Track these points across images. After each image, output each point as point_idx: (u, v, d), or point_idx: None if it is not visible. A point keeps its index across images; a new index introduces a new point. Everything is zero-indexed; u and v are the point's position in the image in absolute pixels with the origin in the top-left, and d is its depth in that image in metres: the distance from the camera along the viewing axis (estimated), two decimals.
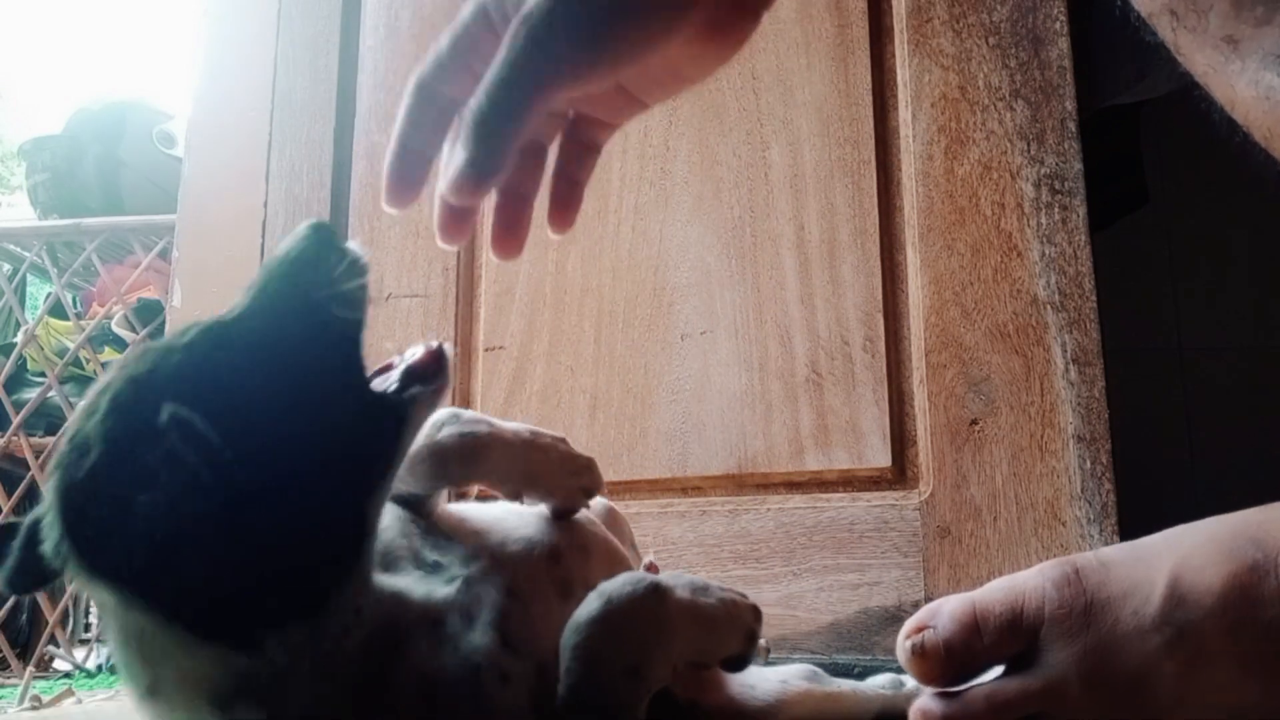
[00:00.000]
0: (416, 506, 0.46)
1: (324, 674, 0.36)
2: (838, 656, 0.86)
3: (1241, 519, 0.45)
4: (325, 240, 0.40)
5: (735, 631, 0.46)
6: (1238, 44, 0.44)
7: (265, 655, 0.34)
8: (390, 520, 0.44)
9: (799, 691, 0.55)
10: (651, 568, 0.59)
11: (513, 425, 0.50)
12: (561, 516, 0.49)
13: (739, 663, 0.47)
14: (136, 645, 0.35)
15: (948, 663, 0.47)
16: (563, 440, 0.51)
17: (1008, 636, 0.47)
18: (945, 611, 0.48)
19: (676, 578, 0.44)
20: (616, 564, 0.51)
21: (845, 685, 0.57)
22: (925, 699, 0.48)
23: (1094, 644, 0.45)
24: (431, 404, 0.41)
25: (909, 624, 0.48)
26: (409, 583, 0.40)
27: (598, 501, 0.62)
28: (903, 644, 0.48)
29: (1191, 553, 0.44)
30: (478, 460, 0.48)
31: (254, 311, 0.38)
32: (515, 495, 0.50)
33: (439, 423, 0.47)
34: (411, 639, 0.38)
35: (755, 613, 0.47)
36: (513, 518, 0.47)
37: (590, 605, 0.40)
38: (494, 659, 0.39)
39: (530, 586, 0.43)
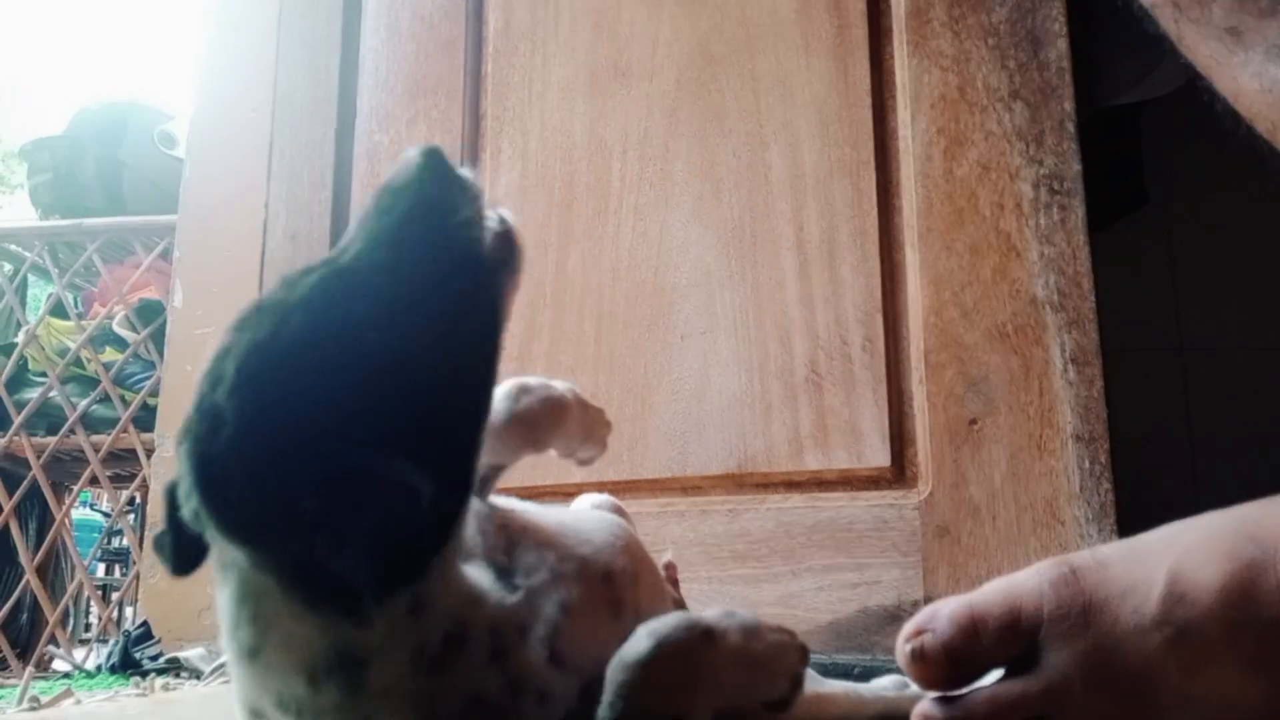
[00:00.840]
0: (483, 484, 0.47)
1: (405, 664, 0.36)
2: (837, 656, 0.87)
3: (1239, 515, 0.45)
4: (441, 169, 0.39)
5: (781, 675, 0.45)
6: (1241, 36, 0.43)
7: (368, 627, 0.35)
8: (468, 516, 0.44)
9: None
10: (670, 567, 0.59)
11: (560, 385, 0.52)
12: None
13: (781, 705, 0.45)
14: (252, 606, 0.35)
15: (948, 666, 0.47)
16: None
17: (1007, 639, 0.46)
18: (944, 615, 0.47)
19: (729, 618, 0.43)
20: (658, 589, 0.50)
21: (839, 686, 0.57)
22: (927, 703, 0.48)
23: (1094, 644, 0.45)
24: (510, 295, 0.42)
25: (908, 627, 0.48)
26: (485, 583, 0.40)
27: (605, 499, 0.62)
28: (902, 648, 0.48)
29: (1190, 550, 0.44)
30: (560, 423, 0.50)
31: (376, 255, 0.37)
32: (572, 453, 0.53)
33: (513, 393, 0.49)
34: (470, 645, 0.38)
35: (803, 654, 0.45)
36: (570, 534, 0.47)
37: (639, 645, 0.40)
38: (538, 677, 0.39)
39: (584, 605, 0.43)
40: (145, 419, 1.40)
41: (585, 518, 0.50)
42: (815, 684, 0.56)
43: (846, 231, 0.95)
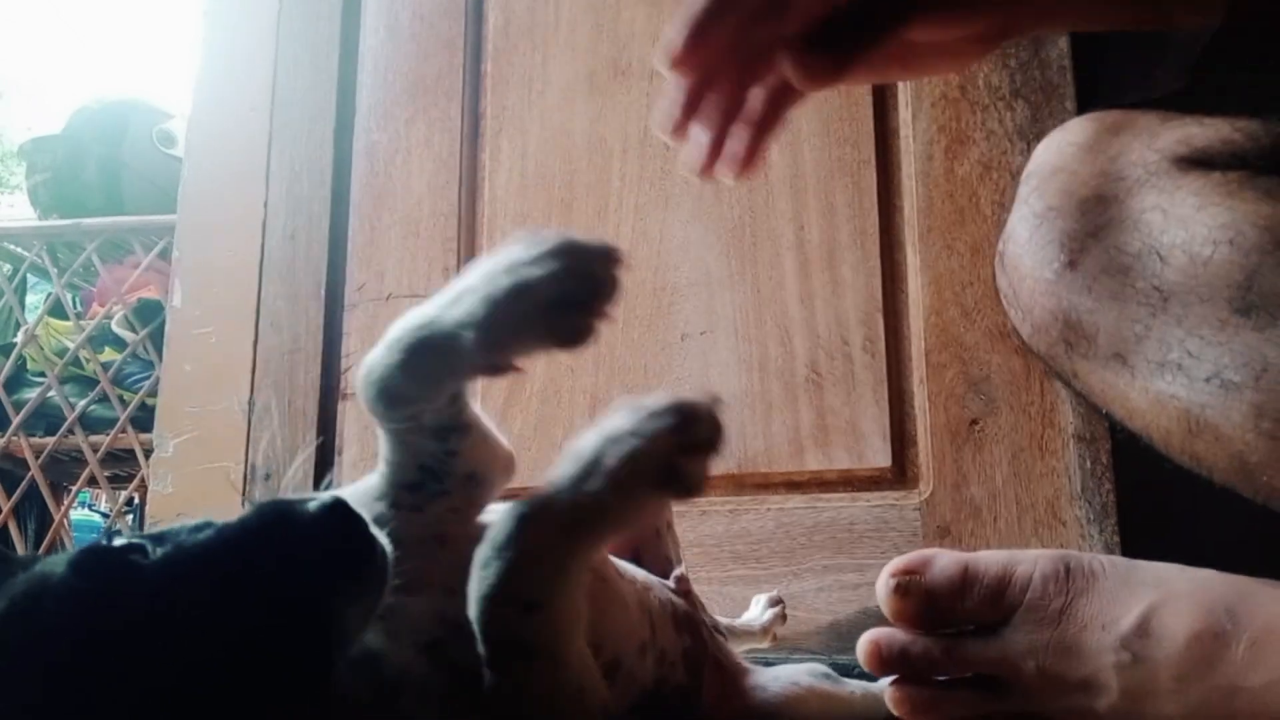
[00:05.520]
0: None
1: None
2: (837, 657, 0.86)
3: (1230, 584, 0.47)
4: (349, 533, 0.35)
5: (644, 485, 0.37)
6: (1125, 358, 0.48)
7: None
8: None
9: (807, 689, 0.55)
10: (682, 580, 0.59)
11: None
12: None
13: (682, 488, 0.38)
14: None
15: (924, 610, 0.51)
16: None
17: (985, 607, 0.50)
18: (938, 565, 0.51)
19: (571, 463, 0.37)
20: (620, 609, 0.48)
21: (857, 686, 0.57)
22: (893, 630, 0.52)
23: (1058, 640, 0.48)
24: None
25: (898, 563, 0.52)
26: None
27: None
28: (886, 580, 0.52)
29: (1175, 597, 0.47)
30: None
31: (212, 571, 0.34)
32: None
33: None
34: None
35: (691, 421, 0.37)
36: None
37: (488, 536, 0.38)
38: (419, 679, 0.39)
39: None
40: (144, 419, 1.39)
41: None
42: (834, 683, 0.57)
43: (847, 231, 0.95)
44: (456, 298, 0.38)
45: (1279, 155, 0.48)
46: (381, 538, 0.37)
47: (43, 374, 1.55)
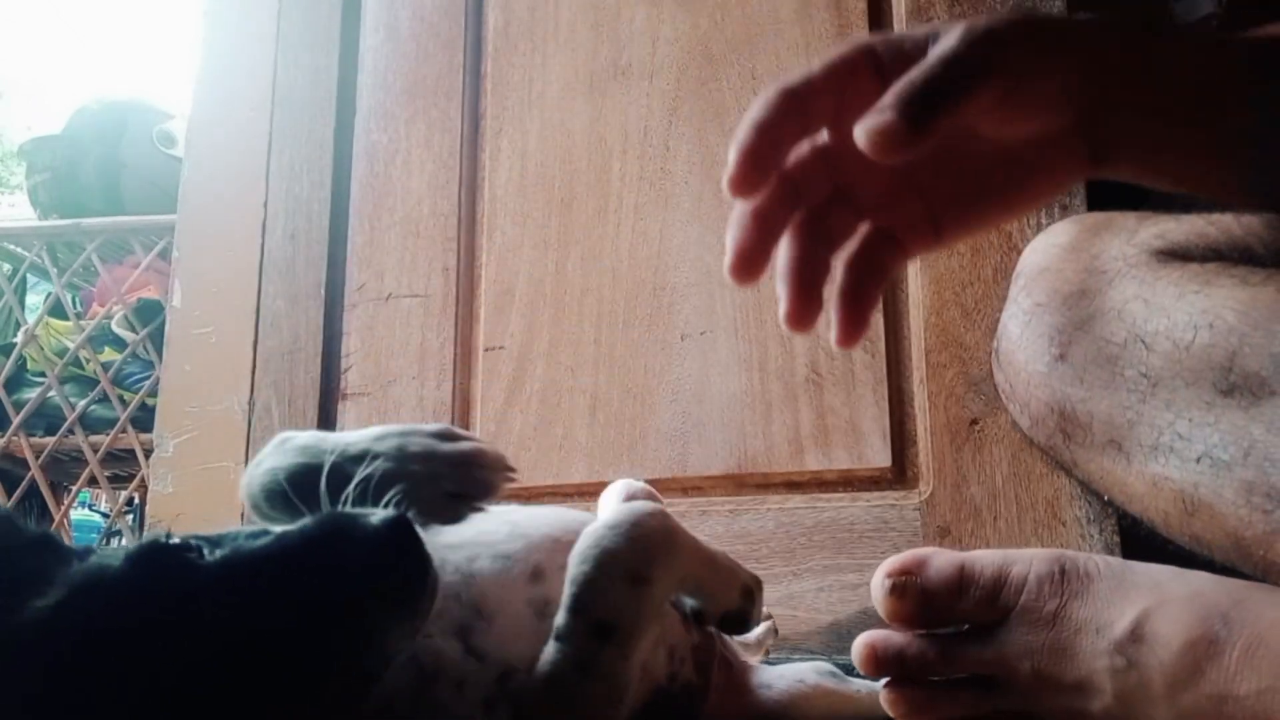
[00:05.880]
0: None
1: None
2: (837, 657, 0.86)
3: (1225, 590, 0.47)
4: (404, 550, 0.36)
5: (734, 582, 0.48)
6: (1120, 445, 0.50)
7: None
8: None
9: (813, 688, 0.56)
10: None
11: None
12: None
13: (738, 622, 0.48)
14: None
15: (920, 612, 0.52)
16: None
17: (983, 608, 0.51)
18: (934, 565, 0.52)
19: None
20: None
21: (862, 685, 0.58)
22: (888, 631, 0.53)
23: (1052, 642, 0.49)
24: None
25: (893, 563, 0.52)
26: None
27: (639, 485, 0.62)
28: (882, 581, 0.52)
29: (1170, 601, 0.47)
30: None
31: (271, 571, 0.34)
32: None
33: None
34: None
35: (756, 580, 0.50)
36: (499, 534, 0.47)
37: (604, 517, 0.42)
38: (455, 667, 0.40)
39: (499, 604, 0.43)
40: (144, 419, 1.39)
41: (541, 516, 0.49)
42: (840, 682, 0.57)
43: None
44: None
45: (1250, 246, 0.50)
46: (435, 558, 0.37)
47: (43, 374, 1.55)
